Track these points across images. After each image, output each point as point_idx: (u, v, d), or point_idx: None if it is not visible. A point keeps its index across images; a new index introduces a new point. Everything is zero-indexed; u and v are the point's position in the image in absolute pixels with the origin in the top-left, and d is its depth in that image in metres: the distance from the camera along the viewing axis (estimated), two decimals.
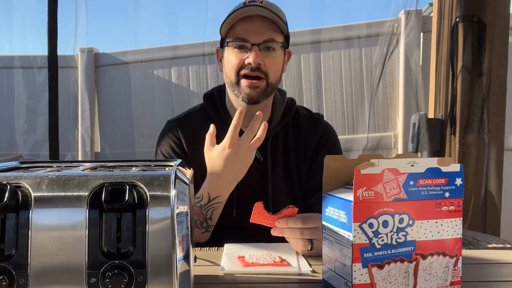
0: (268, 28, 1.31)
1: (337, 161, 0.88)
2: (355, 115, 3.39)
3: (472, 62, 2.51)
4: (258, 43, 1.29)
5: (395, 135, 3.35)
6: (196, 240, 1.28)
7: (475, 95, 2.51)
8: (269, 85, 1.33)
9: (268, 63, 1.31)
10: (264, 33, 1.30)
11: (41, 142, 3.51)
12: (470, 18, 2.50)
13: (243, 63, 1.30)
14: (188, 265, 0.71)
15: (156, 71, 3.74)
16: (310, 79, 3.44)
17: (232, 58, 1.32)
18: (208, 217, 1.24)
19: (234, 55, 1.31)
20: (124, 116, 3.76)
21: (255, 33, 1.30)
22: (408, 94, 3.22)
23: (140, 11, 3.72)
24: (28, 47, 3.75)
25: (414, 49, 3.19)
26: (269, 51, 1.32)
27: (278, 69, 1.35)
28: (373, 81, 3.32)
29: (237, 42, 1.31)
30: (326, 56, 3.42)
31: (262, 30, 1.30)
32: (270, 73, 1.32)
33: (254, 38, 1.29)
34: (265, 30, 1.31)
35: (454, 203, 0.80)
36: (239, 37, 1.30)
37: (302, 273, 0.95)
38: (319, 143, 1.45)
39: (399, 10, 3.26)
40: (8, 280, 0.65)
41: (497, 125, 2.52)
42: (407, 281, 0.79)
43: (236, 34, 1.31)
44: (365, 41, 3.35)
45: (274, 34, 1.32)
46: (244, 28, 1.30)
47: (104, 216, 0.67)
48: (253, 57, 1.28)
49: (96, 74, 3.81)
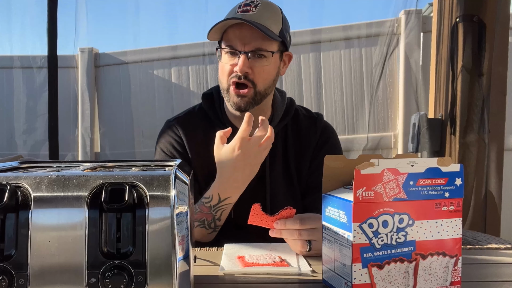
0: (257, 36, 1.28)
1: (337, 161, 0.88)
2: (355, 115, 3.39)
3: (472, 62, 2.51)
4: (246, 51, 1.27)
5: (395, 135, 3.35)
6: (202, 240, 1.27)
7: (475, 95, 2.51)
8: (257, 94, 1.31)
9: (256, 71, 1.29)
10: (253, 42, 1.28)
11: (41, 142, 3.51)
12: (470, 18, 2.50)
13: (232, 71, 1.30)
14: (188, 265, 0.71)
15: (156, 71, 3.74)
16: (310, 79, 3.44)
17: (223, 63, 1.32)
18: (217, 217, 1.24)
19: (225, 60, 1.31)
20: (124, 116, 3.77)
21: (244, 41, 1.28)
22: (408, 94, 3.22)
23: (140, 11, 3.72)
24: (28, 47, 3.76)
25: (414, 49, 3.19)
26: (260, 58, 1.29)
27: (268, 77, 1.33)
28: (373, 81, 3.32)
29: (227, 49, 1.30)
30: (326, 56, 3.42)
31: (251, 39, 1.27)
32: (258, 82, 1.30)
33: (242, 46, 1.27)
34: (254, 38, 1.28)
35: (454, 203, 0.80)
36: (229, 44, 1.30)
37: (302, 273, 0.95)
38: (319, 142, 1.44)
39: (399, 10, 3.26)
40: (8, 280, 0.65)
41: (497, 125, 2.52)
42: (407, 281, 0.79)
43: (227, 40, 1.30)
44: (365, 41, 3.35)
45: (264, 43, 1.29)
46: (234, 35, 1.29)
47: (104, 216, 0.67)
48: (240, 65, 1.26)
49: (96, 74, 3.81)
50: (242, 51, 1.27)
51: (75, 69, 3.78)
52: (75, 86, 3.77)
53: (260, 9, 1.29)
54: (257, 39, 1.28)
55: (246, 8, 1.29)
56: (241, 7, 1.30)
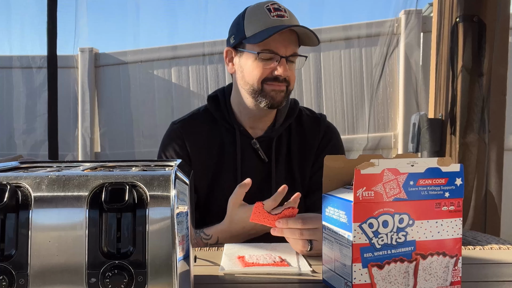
0: (293, 41, 1.35)
1: (337, 161, 0.88)
2: (355, 115, 3.39)
3: (472, 62, 2.51)
4: (286, 55, 1.32)
5: (395, 135, 3.35)
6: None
7: (475, 95, 2.51)
8: (288, 91, 1.38)
9: (290, 73, 1.35)
10: (291, 46, 1.34)
11: (40, 142, 3.51)
12: (470, 18, 2.50)
13: (269, 73, 1.33)
14: (188, 265, 0.71)
15: (156, 71, 3.74)
16: (310, 79, 3.44)
17: (258, 67, 1.33)
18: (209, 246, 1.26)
19: (261, 65, 1.33)
20: (124, 116, 3.76)
21: (284, 46, 1.32)
22: (408, 94, 3.22)
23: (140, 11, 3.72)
24: (27, 47, 3.75)
25: (414, 49, 3.19)
26: (292, 62, 1.36)
27: (295, 78, 1.41)
28: (373, 81, 3.32)
29: (267, 54, 1.32)
30: (326, 56, 3.42)
31: (289, 43, 1.33)
32: (291, 82, 1.37)
33: (283, 50, 1.32)
34: (291, 43, 1.34)
35: (454, 203, 0.80)
36: (269, 49, 1.32)
37: (302, 273, 0.95)
38: (322, 143, 1.45)
39: (399, 10, 3.26)
40: (8, 280, 0.65)
41: (497, 125, 2.52)
42: (407, 281, 0.79)
43: (266, 45, 1.31)
44: (365, 41, 3.35)
45: (296, 47, 1.37)
46: (275, 40, 1.31)
47: (104, 216, 0.67)
48: (283, 70, 1.31)
49: (96, 74, 3.81)
50: (283, 56, 1.32)
51: (75, 69, 3.77)
52: (75, 86, 3.77)
53: (289, 13, 1.35)
54: (293, 43, 1.35)
55: (280, 13, 1.33)
56: (271, 11, 1.33)
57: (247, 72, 1.35)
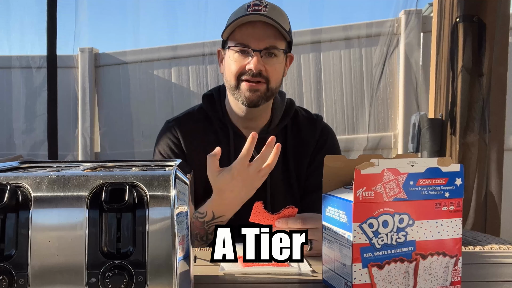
0: (270, 34, 1.29)
1: (337, 161, 0.88)
2: (355, 115, 3.39)
3: (472, 62, 2.51)
4: (259, 49, 1.28)
5: (395, 135, 3.35)
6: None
7: (475, 95, 2.52)
8: (269, 90, 1.32)
9: (269, 69, 1.30)
10: (266, 40, 1.29)
11: (40, 142, 3.51)
12: (470, 18, 2.50)
13: (244, 69, 1.29)
14: (188, 265, 0.71)
15: (156, 71, 3.74)
16: (310, 79, 3.44)
17: (233, 63, 1.31)
18: (210, 232, 1.24)
19: (235, 60, 1.30)
20: (124, 116, 3.77)
21: (257, 39, 1.28)
22: (408, 94, 3.22)
23: (140, 11, 3.72)
24: (27, 47, 3.76)
25: (414, 49, 3.19)
26: (271, 57, 1.30)
27: (279, 75, 1.35)
28: (373, 81, 3.32)
29: (239, 47, 1.29)
30: (326, 56, 3.42)
31: (264, 37, 1.29)
32: (271, 78, 1.31)
33: (256, 44, 1.28)
34: (267, 36, 1.29)
35: (454, 203, 0.80)
36: (241, 42, 1.29)
37: (302, 273, 0.95)
38: (318, 144, 1.44)
39: (399, 10, 3.26)
40: (8, 280, 0.65)
41: (497, 125, 2.52)
42: (407, 281, 0.79)
43: (238, 39, 1.29)
44: (365, 41, 3.36)
45: (276, 41, 1.31)
46: (246, 34, 1.29)
47: (104, 216, 0.67)
48: (254, 63, 1.27)
49: (96, 74, 3.81)
50: (256, 49, 1.27)
51: (75, 69, 3.78)
52: (75, 86, 3.77)
53: (270, 9, 1.30)
54: (270, 37, 1.29)
55: (256, 8, 1.29)
56: (250, 6, 1.30)
57: (227, 69, 1.34)
